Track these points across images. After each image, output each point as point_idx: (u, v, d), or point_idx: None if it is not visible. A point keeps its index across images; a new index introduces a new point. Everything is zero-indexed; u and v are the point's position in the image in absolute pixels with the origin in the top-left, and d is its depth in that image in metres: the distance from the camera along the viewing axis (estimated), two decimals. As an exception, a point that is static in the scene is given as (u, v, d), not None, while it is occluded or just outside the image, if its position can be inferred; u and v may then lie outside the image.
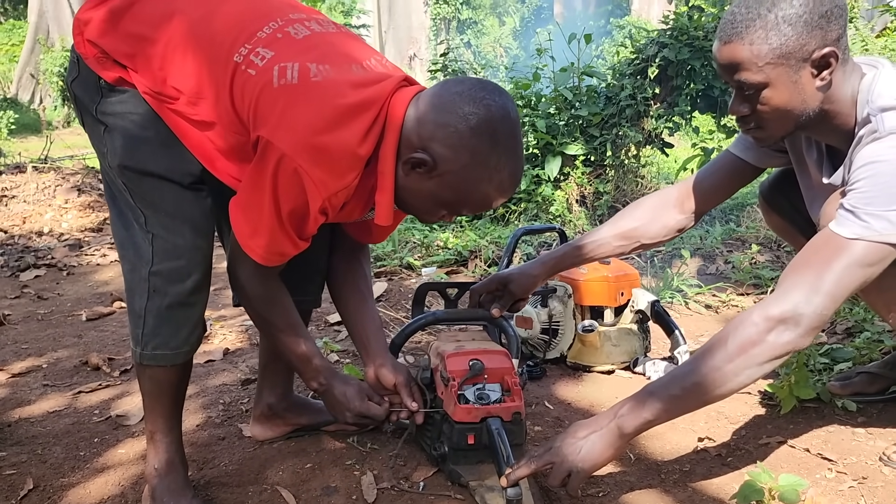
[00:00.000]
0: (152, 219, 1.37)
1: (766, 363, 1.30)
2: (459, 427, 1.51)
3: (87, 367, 2.38)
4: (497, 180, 1.32)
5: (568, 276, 2.20)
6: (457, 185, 1.32)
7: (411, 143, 1.30)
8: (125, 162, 1.35)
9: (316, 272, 1.67)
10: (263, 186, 1.26)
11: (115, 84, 1.33)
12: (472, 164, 1.29)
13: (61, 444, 1.81)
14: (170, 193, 1.36)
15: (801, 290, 1.29)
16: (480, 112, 1.27)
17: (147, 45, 1.31)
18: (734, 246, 3.86)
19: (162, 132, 1.34)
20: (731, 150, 1.72)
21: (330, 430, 1.78)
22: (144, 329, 1.40)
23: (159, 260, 1.37)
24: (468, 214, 1.43)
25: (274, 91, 1.25)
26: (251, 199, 1.30)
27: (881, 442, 1.68)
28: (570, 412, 1.93)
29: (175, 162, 1.36)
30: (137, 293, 1.39)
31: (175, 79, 1.30)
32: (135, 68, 1.32)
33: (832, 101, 1.38)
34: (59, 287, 3.59)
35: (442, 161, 1.29)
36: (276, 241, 1.33)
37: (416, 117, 1.30)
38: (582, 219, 4.60)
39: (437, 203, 1.37)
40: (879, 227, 1.26)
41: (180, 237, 1.37)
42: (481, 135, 1.27)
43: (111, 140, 1.35)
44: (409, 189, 1.35)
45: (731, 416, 1.87)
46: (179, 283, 1.38)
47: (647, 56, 5.08)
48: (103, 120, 1.35)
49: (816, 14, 1.29)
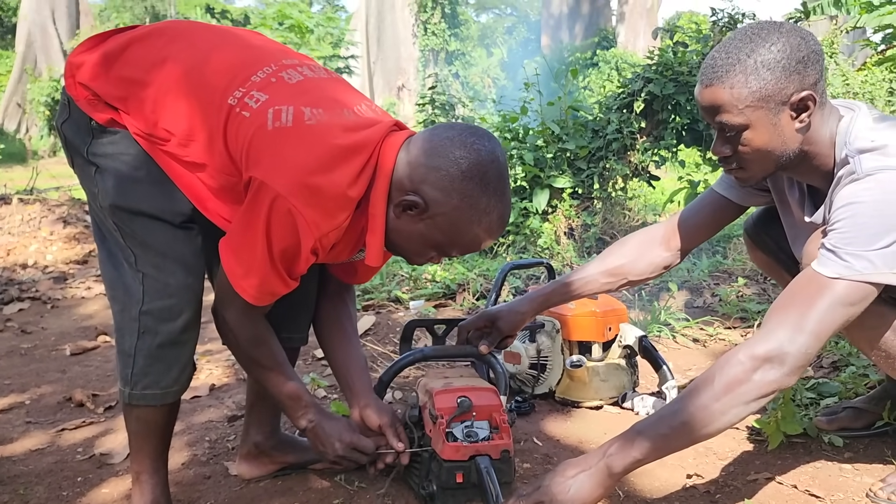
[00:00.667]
0: (143, 258, 1.37)
1: (753, 402, 1.31)
2: (448, 465, 1.50)
3: (71, 404, 2.35)
4: (486, 222, 1.35)
5: (556, 311, 2.20)
6: (447, 227, 1.34)
7: (403, 186, 1.33)
8: (117, 202, 1.35)
9: (305, 309, 1.67)
10: (256, 226, 1.27)
11: (106, 125, 1.34)
12: (463, 206, 1.32)
13: (44, 483, 1.78)
14: (161, 233, 1.37)
15: (786, 330, 1.30)
16: (471, 156, 1.31)
17: (139, 89, 1.33)
18: (721, 279, 3.89)
19: (153, 172, 1.35)
20: (716, 189, 1.75)
21: (317, 468, 1.76)
22: (134, 369, 1.39)
23: (150, 299, 1.37)
24: (457, 256, 1.45)
25: (268, 133, 1.27)
26: (243, 240, 1.31)
27: (868, 478, 1.69)
28: (558, 448, 1.92)
29: (166, 201, 1.37)
30: (127, 333, 1.39)
31: (167, 121, 1.31)
32: (126, 111, 1.34)
33: (811, 142, 1.41)
34: (43, 321, 3.56)
35: (433, 203, 1.32)
36: (267, 281, 1.34)
37: (407, 161, 1.33)
38: (570, 251, 4.63)
39: (427, 245, 1.39)
40: (860, 267, 1.28)
41: (171, 276, 1.38)
42: (471, 178, 1.30)
43: (102, 180, 1.36)
44: (399, 231, 1.37)
45: (720, 451, 1.87)
46: (170, 321, 1.38)
47: (633, 90, 5.16)
48: (94, 161, 1.36)
49: (794, 60, 1.32)
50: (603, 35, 21.11)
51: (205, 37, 1.43)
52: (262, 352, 1.47)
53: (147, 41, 1.40)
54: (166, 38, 1.40)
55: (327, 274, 1.66)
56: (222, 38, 1.44)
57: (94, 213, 1.44)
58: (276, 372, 1.49)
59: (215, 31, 1.47)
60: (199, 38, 1.42)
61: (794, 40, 1.33)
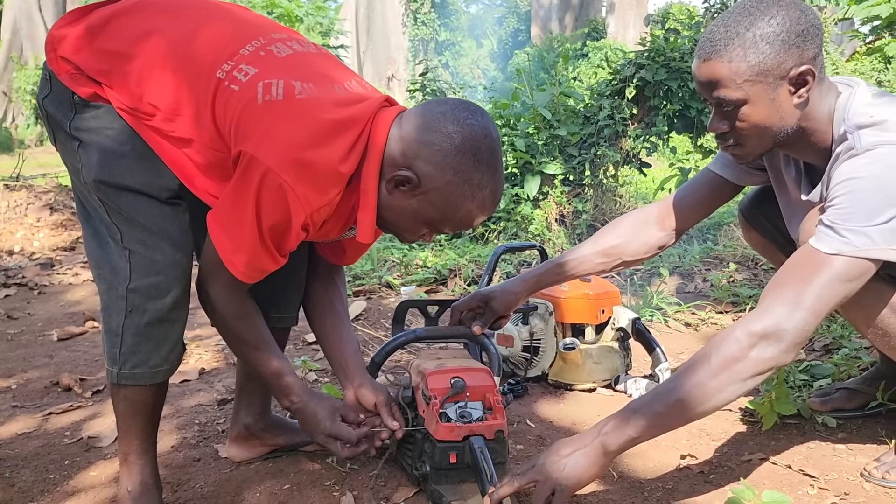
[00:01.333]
0: (129, 234, 1.34)
1: (750, 379, 1.30)
2: (441, 446, 1.49)
3: (58, 388, 2.32)
4: (479, 198, 1.33)
5: (549, 293, 2.19)
6: (440, 203, 1.33)
7: (395, 162, 1.31)
8: (101, 177, 1.32)
9: (295, 288, 1.64)
10: (246, 201, 1.25)
11: (89, 100, 1.31)
12: (456, 181, 1.30)
13: (30, 466, 1.76)
14: (147, 208, 1.34)
15: (783, 306, 1.29)
16: (464, 131, 1.29)
17: (123, 62, 1.30)
18: (712, 264, 3.89)
19: (138, 147, 1.32)
20: (711, 168, 1.73)
21: (308, 450, 1.75)
22: (122, 348, 1.36)
23: (137, 276, 1.34)
24: (449, 233, 1.44)
25: (258, 107, 1.25)
26: (232, 215, 1.29)
27: (861, 458, 1.69)
28: (551, 430, 1.91)
29: (152, 176, 1.34)
30: (115, 311, 1.36)
31: (152, 95, 1.28)
32: (110, 85, 1.30)
33: (809, 118, 1.39)
34: (30, 306, 3.52)
35: (426, 178, 1.30)
36: (257, 256, 1.31)
37: (399, 136, 1.32)
38: (561, 237, 4.62)
39: (420, 221, 1.37)
40: (859, 243, 1.27)
41: (159, 252, 1.34)
42: (464, 153, 1.29)
43: (86, 155, 1.32)
44: (391, 207, 1.35)
45: (714, 433, 1.86)
46: (159, 299, 1.35)
47: (624, 77, 5.15)
48: (77, 136, 1.32)
49: (793, 33, 1.30)
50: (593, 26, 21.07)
51: (190, 10, 1.40)
52: (246, 328, 1.45)
53: (131, 14, 1.36)
54: (151, 10, 1.37)
55: (317, 256, 1.64)
56: (209, 11, 1.41)
57: (77, 190, 1.40)
58: (261, 350, 1.46)
59: (201, 3, 1.43)
60: (185, 11, 1.39)
61: (794, 14, 1.31)
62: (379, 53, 27.72)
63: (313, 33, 19.09)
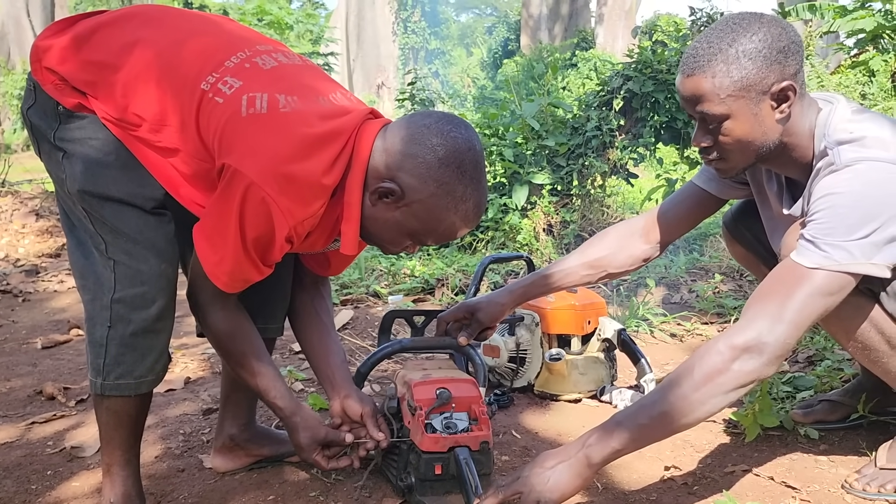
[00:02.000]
0: (114, 245, 1.34)
1: (732, 391, 1.31)
2: (427, 457, 1.49)
3: (42, 397, 2.30)
4: (462, 210, 1.34)
5: (535, 304, 2.20)
6: (423, 215, 1.34)
7: (379, 174, 1.32)
8: (86, 187, 1.32)
9: (281, 299, 1.64)
10: (229, 214, 1.26)
11: (73, 110, 1.31)
12: (439, 193, 1.31)
13: (12, 477, 1.74)
14: (132, 218, 1.34)
15: (765, 320, 1.30)
16: (448, 144, 1.30)
17: (109, 73, 1.30)
18: (698, 275, 3.92)
19: (123, 157, 1.32)
20: (695, 182, 1.75)
21: (293, 460, 1.74)
22: (106, 358, 1.35)
23: (122, 287, 1.34)
24: (432, 245, 1.45)
25: (242, 120, 1.26)
26: (216, 227, 1.29)
27: (843, 469, 1.70)
28: (537, 441, 1.92)
29: (136, 186, 1.34)
30: (99, 322, 1.35)
31: (138, 106, 1.29)
32: (95, 95, 1.31)
33: (791, 133, 1.41)
34: (14, 314, 3.49)
35: (409, 191, 1.31)
36: (240, 268, 1.32)
37: (383, 148, 1.32)
38: (549, 248, 4.64)
39: (403, 233, 1.38)
40: (839, 257, 1.29)
41: (144, 263, 1.34)
42: (448, 166, 1.30)
43: (70, 166, 1.32)
44: (375, 219, 1.36)
45: (697, 444, 1.87)
46: (144, 309, 1.35)
47: (612, 88, 5.18)
48: (62, 146, 1.33)
49: (775, 49, 1.33)
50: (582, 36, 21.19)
51: (176, 21, 1.40)
52: (237, 338, 1.45)
53: (117, 25, 1.37)
54: (137, 21, 1.38)
55: (302, 267, 1.64)
56: (194, 23, 1.41)
57: (61, 200, 1.40)
58: (251, 359, 1.46)
59: (187, 15, 1.45)
60: (171, 22, 1.39)
61: (775, 30, 1.33)
62: (369, 61, 27.75)
63: (303, 41, 19.10)
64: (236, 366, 1.47)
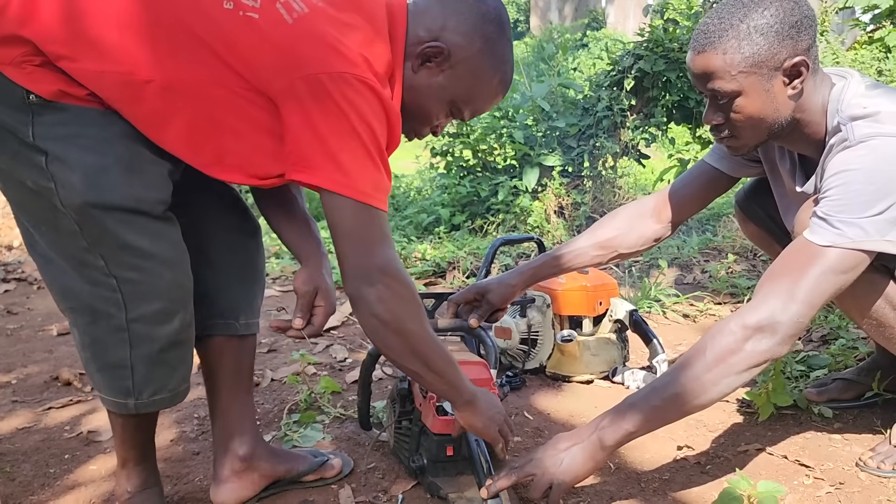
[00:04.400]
0: (117, 260, 1.17)
1: (745, 371, 1.31)
2: (438, 439, 1.50)
3: (58, 383, 2.33)
4: (502, 71, 1.32)
5: (546, 286, 2.19)
6: (467, 76, 1.29)
7: (419, 39, 1.27)
8: (90, 198, 1.11)
9: (260, 290, 1.51)
10: (342, 121, 1.11)
11: (52, 99, 1.08)
12: (485, 50, 1.28)
13: (30, 461, 1.77)
14: (141, 229, 1.17)
15: (778, 299, 1.29)
16: (489, 2, 1.29)
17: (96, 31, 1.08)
18: (711, 255, 3.89)
19: (122, 155, 1.14)
20: (707, 160, 1.74)
21: (310, 479, 1.57)
22: (135, 378, 1.24)
23: (136, 305, 1.19)
24: (467, 118, 1.37)
25: (292, 28, 1.12)
26: (341, 146, 1.11)
27: (857, 448, 1.69)
28: (549, 422, 1.92)
29: (143, 190, 1.17)
30: (111, 344, 1.21)
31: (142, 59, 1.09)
32: (75, 58, 1.07)
33: (803, 109, 1.39)
34: (30, 301, 3.53)
35: (456, 49, 1.27)
36: (381, 176, 1.17)
37: (418, 13, 1.28)
38: (560, 230, 4.62)
39: (444, 100, 1.32)
40: (852, 235, 1.27)
41: (158, 278, 1.20)
42: (490, 22, 1.28)
43: (62, 172, 1.10)
44: (416, 88, 1.29)
45: (710, 424, 1.87)
46: (166, 324, 1.22)
47: (623, 67, 5.12)
48: (44, 147, 1.09)
49: (787, 24, 1.30)
50: (592, 16, 20.99)
51: None
52: (419, 318, 1.25)
53: None
54: None
55: None
56: None
57: (31, 213, 1.18)
58: (427, 337, 1.26)
59: None
60: None
61: (787, 5, 1.31)
62: (378, 45, 27.60)
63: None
64: (407, 354, 1.25)
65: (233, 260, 1.44)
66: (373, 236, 1.17)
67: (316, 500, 1.53)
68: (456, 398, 1.35)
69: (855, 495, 1.50)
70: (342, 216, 1.15)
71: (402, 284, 1.20)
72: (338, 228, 1.17)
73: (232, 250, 1.43)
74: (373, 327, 1.22)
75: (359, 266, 1.18)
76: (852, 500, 1.48)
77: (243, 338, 1.46)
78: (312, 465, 1.57)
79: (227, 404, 1.48)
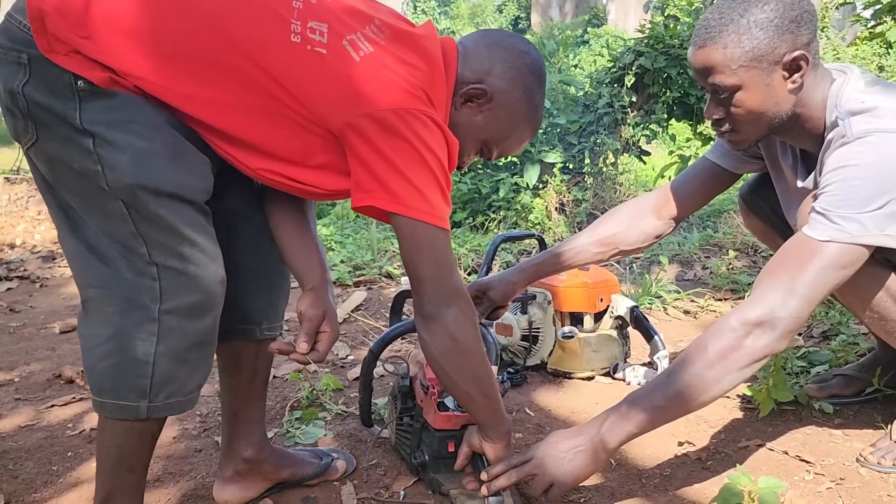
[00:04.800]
0: (163, 248, 1.15)
1: (746, 368, 1.31)
2: (440, 435, 1.50)
3: (61, 381, 2.33)
4: (535, 119, 1.40)
5: (547, 282, 2.20)
6: (504, 120, 1.36)
7: (465, 79, 1.33)
8: (140, 180, 1.11)
9: (284, 294, 1.51)
10: (412, 153, 1.16)
11: (102, 86, 1.10)
12: (524, 99, 1.36)
13: (33, 458, 1.77)
14: (187, 215, 1.17)
15: (777, 294, 1.29)
16: (532, 53, 1.37)
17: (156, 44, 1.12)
18: (712, 252, 3.89)
19: (169, 141, 1.15)
20: (708, 157, 1.74)
21: (313, 483, 1.57)
22: (154, 377, 1.17)
23: (173, 296, 1.16)
24: (498, 157, 1.45)
25: (359, 66, 1.17)
26: (413, 175, 1.16)
27: (858, 443, 1.70)
28: (550, 419, 1.92)
29: (189, 177, 1.17)
30: (138, 337, 1.15)
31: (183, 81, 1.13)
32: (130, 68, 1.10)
33: (804, 104, 1.40)
34: (32, 299, 3.53)
35: (498, 93, 1.33)
36: (446, 203, 1.22)
37: (466, 55, 1.34)
38: (561, 226, 4.62)
39: (479, 139, 1.38)
40: (851, 230, 1.27)
41: (202, 268, 1.18)
42: (533, 73, 1.36)
43: (111, 155, 1.11)
44: (456, 124, 1.34)
45: (711, 420, 1.87)
46: (199, 319, 1.19)
47: (623, 64, 5.12)
48: (92, 130, 1.10)
49: (787, 19, 1.31)
50: (593, 13, 20.97)
51: None
52: (474, 338, 1.28)
53: None
54: None
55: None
56: None
57: (82, 198, 1.16)
58: (486, 366, 1.31)
59: None
60: None
61: (787, 0, 1.31)
62: (379, 43, 27.54)
63: (312, 23, 18.94)
64: (468, 376, 1.29)
65: (258, 263, 1.42)
66: (450, 260, 1.24)
67: (318, 497, 1.54)
68: (497, 426, 1.37)
69: (855, 491, 1.50)
70: (426, 241, 1.21)
71: (471, 307, 1.28)
72: (422, 253, 1.22)
73: (258, 253, 1.41)
74: (444, 348, 1.25)
75: (440, 288, 1.23)
76: (853, 495, 1.48)
77: (262, 342, 1.45)
78: (317, 469, 1.57)
79: (238, 407, 1.49)
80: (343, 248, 4.22)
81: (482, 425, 1.38)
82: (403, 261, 1.25)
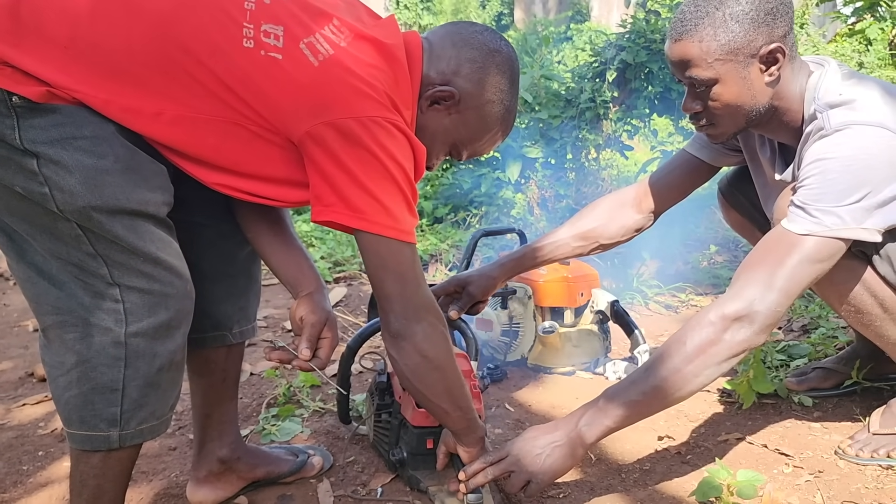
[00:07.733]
0: (124, 268, 1.08)
1: (725, 362, 1.30)
2: (418, 431, 1.49)
3: (33, 379, 2.30)
4: (507, 121, 1.33)
5: (527, 277, 2.19)
6: (474, 122, 1.30)
7: (431, 80, 1.26)
8: (93, 201, 1.03)
9: (255, 297, 1.48)
10: (375, 163, 1.10)
11: (40, 101, 1.00)
12: (494, 101, 1.29)
13: (3, 458, 1.74)
14: (148, 232, 1.10)
15: (755, 288, 1.29)
16: (504, 51, 1.29)
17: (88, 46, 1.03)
18: (693, 246, 3.90)
19: (121, 155, 1.06)
20: (687, 149, 1.73)
21: (289, 481, 1.56)
22: (124, 405, 1.11)
23: (139, 317, 1.09)
24: (465, 158, 1.37)
25: (317, 70, 1.10)
26: (376, 185, 1.11)
27: (836, 436, 1.70)
28: (530, 414, 1.91)
29: (146, 191, 1.09)
30: (102, 364, 1.09)
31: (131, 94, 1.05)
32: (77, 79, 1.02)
33: (781, 97, 1.39)
34: (5, 297, 3.47)
35: (466, 95, 1.27)
36: (412, 216, 1.17)
37: (433, 53, 1.27)
38: (543, 221, 4.61)
39: (447, 142, 1.32)
40: (829, 223, 1.27)
41: (167, 285, 1.12)
42: (504, 73, 1.28)
43: (58, 176, 1.02)
44: (423, 128, 1.28)
45: (691, 414, 1.87)
46: (169, 339, 1.13)
47: (605, 59, 5.11)
48: (34, 150, 1.01)
49: (762, 11, 1.30)
50: (577, 9, 20.99)
51: None
52: (453, 355, 1.27)
53: None
54: None
55: None
56: None
57: (26, 221, 1.07)
58: (460, 380, 1.29)
59: None
60: None
61: (764, -8, 1.30)
62: (362, 38, 27.41)
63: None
64: (442, 391, 1.27)
65: (227, 268, 1.38)
66: (417, 275, 1.19)
67: (294, 495, 1.52)
68: (472, 433, 1.36)
69: (834, 483, 1.50)
70: (390, 258, 1.16)
71: (441, 321, 1.24)
72: (386, 270, 1.17)
73: (227, 261, 1.37)
74: (415, 364, 1.22)
75: (407, 305, 1.19)
76: (831, 487, 1.48)
77: (233, 345, 1.43)
78: (293, 467, 1.55)
79: (210, 408, 1.46)
80: (323, 244, 4.19)
81: (457, 433, 1.37)
82: (368, 277, 1.20)
